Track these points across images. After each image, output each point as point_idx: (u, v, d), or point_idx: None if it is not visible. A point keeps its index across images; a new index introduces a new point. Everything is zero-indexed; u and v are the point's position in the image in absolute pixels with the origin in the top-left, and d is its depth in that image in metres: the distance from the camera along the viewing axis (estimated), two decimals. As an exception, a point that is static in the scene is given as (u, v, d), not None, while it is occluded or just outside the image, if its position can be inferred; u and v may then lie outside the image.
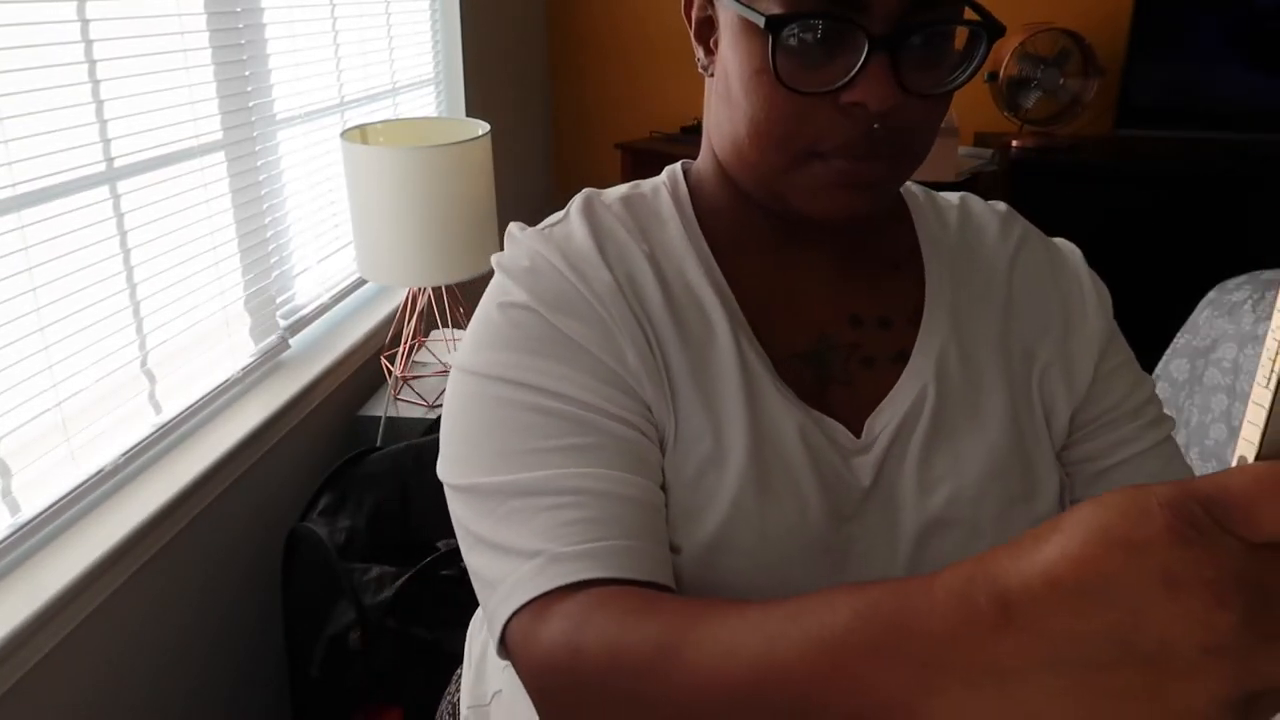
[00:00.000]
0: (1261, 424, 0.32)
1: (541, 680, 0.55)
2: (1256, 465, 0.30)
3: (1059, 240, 0.80)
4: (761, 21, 0.60)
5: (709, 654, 0.45)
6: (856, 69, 0.59)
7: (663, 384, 0.67)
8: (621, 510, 0.61)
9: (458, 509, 0.65)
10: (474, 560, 0.63)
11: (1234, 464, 0.32)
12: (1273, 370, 0.31)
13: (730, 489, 0.65)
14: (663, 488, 0.66)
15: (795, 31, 0.60)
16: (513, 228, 0.73)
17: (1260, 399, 0.32)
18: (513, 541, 0.60)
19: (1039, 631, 0.31)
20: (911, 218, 0.77)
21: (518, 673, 0.58)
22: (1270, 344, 0.32)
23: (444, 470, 0.67)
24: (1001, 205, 0.81)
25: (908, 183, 0.80)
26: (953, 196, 0.81)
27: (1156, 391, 0.77)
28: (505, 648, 0.59)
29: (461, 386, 0.67)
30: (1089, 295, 0.76)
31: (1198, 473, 1.48)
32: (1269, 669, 0.29)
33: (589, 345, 0.65)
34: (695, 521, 0.65)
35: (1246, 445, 0.32)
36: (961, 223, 0.78)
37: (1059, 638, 0.31)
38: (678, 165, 0.77)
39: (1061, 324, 0.75)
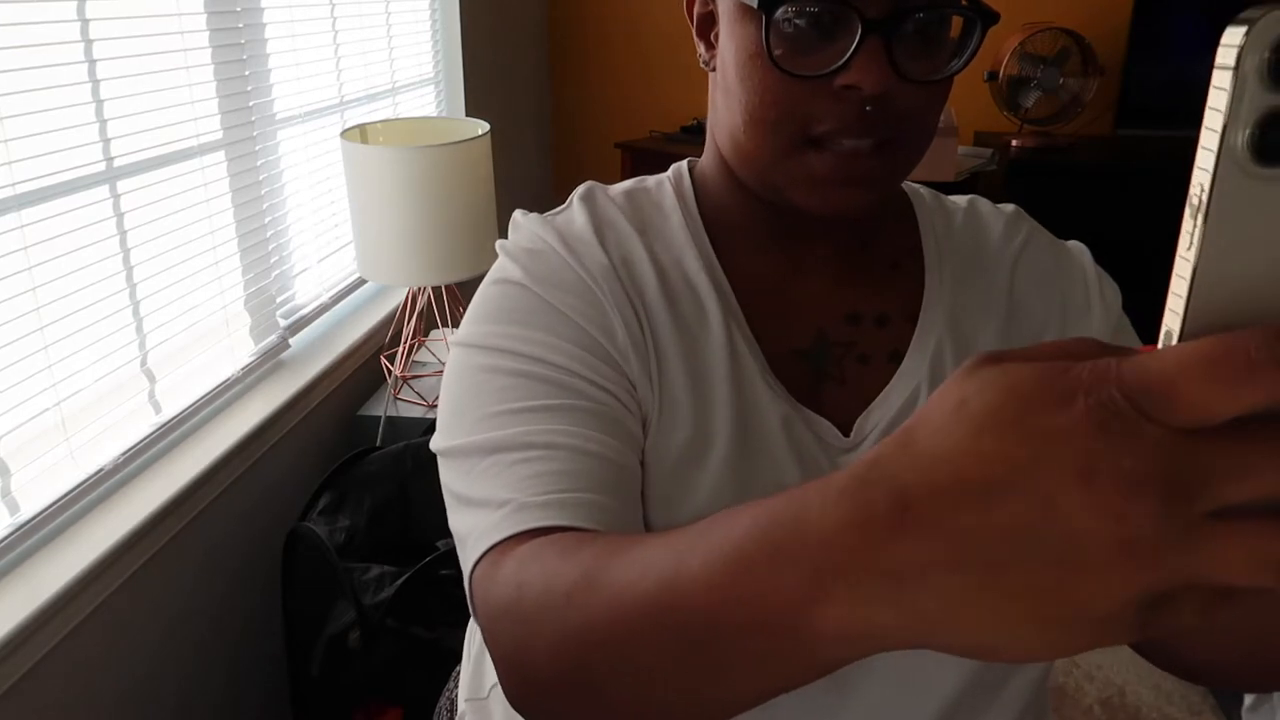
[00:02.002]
0: (1185, 295, 0.29)
1: (490, 622, 0.53)
2: (1180, 347, 0.27)
3: (1070, 242, 0.80)
4: (755, 2, 0.60)
5: (626, 575, 0.43)
6: (851, 52, 0.59)
7: (650, 364, 0.67)
8: (590, 465, 0.61)
9: (443, 474, 0.66)
10: (454, 521, 0.63)
11: (1160, 340, 0.30)
12: (1194, 231, 0.28)
13: (710, 482, 0.66)
14: (643, 465, 0.66)
15: (789, 14, 0.60)
16: (517, 214, 0.75)
17: (1182, 270, 0.29)
18: (485, 495, 0.60)
19: (940, 530, 0.29)
20: (916, 218, 0.77)
21: (478, 623, 0.57)
22: (1192, 197, 0.29)
23: (434, 439, 0.68)
24: (1010, 207, 0.80)
25: (915, 185, 0.80)
26: (961, 199, 0.81)
27: None
28: (471, 600, 0.59)
29: (452, 359, 0.69)
30: (1093, 293, 0.75)
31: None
32: (1185, 564, 0.27)
33: (578, 318, 0.67)
34: (673, 510, 0.66)
35: (1172, 317, 0.30)
36: (967, 224, 0.78)
37: (961, 535, 0.28)
38: (684, 162, 0.78)
39: (1060, 322, 0.74)
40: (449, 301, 1.98)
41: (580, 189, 0.76)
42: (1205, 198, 0.28)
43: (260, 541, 1.64)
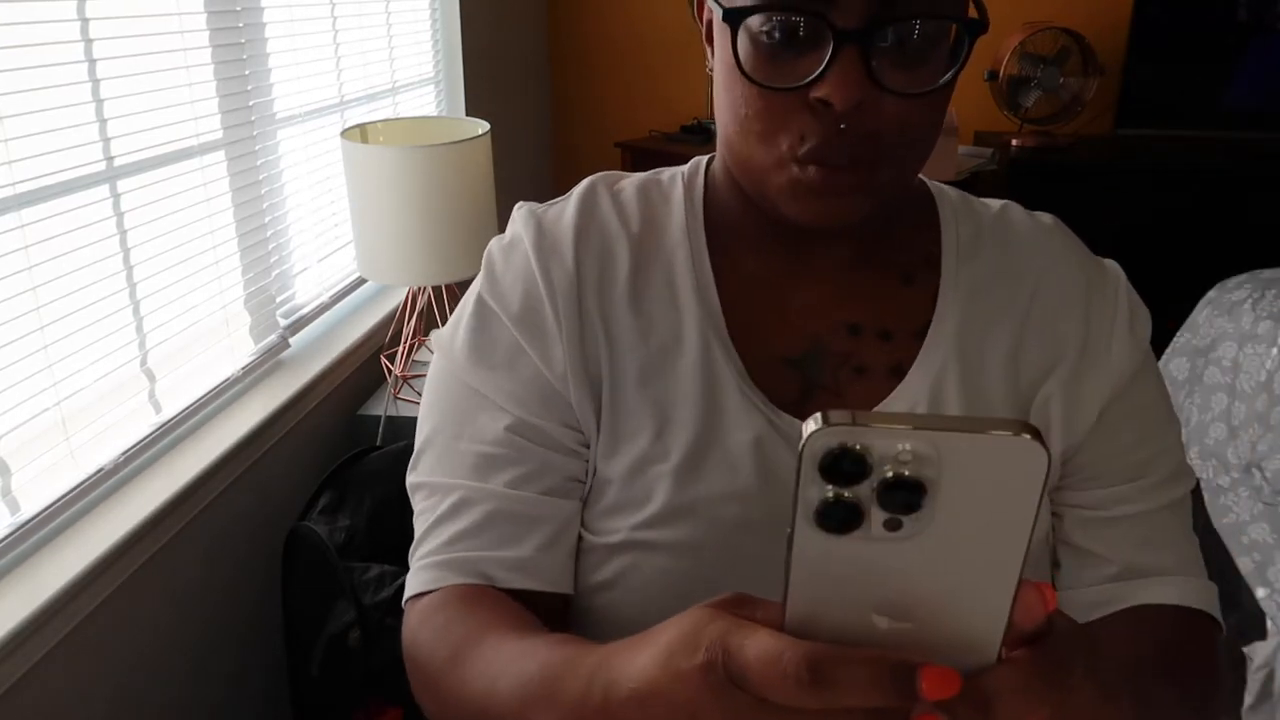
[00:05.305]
0: (782, 600, 0.37)
1: (405, 662, 0.67)
2: (767, 642, 0.36)
3: (1106, 261, 0.75)
4: (720, 13, 0.59)
5: (472, 675, 0.57)
6: (824, 65, 0.56)
7: (588, 387, 0.68)
8: (513, 520, 0.68)
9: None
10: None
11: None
12: (787, 561, 0.35)
13: (666, 487, 0.66)
14: (595, 478, 0.69)
15: (761, 26, 0.58)
16: (516, 209, 0.75)
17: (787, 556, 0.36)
18: (419, 534, 0.71)
19: None
20: (940, 225, 0.73)
21: None
22: (788, 529, 0.35)
23: (410, 463, 0.76)
24: (1048, 217, 0.76)
25: (942, 186, 0.76)
26: (995, 203, 0.77)
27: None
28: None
29: (434, 364, 0.75)
30: (1120, 325, 0.70)
31: (1198, 473, 1.48)
32: None
33: (527, 344, 0.69)
34: (628, 517, 0.67)
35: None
36: (995, 232, 0.73)
37: None
38: (703, 158, 0.76)
39: (1077, 355, 0.70)
40: (449, 301, 1.98)
41: (586, 181, 0.75)
42: (789, 538, 0.35)
43: (260, 541, 1.64)
